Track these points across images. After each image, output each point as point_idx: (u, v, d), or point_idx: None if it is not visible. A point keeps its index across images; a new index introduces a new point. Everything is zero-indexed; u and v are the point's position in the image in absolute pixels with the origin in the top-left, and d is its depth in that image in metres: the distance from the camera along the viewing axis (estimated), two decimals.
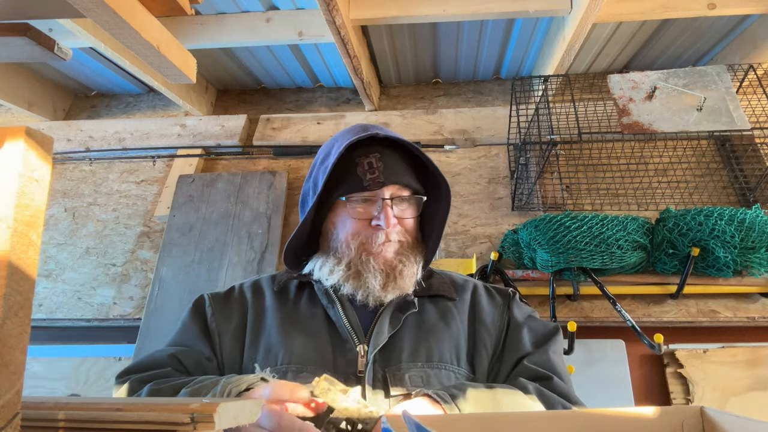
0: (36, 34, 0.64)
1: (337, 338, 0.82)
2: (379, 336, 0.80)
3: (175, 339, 0.88)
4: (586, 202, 1.87)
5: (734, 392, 1.56)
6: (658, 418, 0.50)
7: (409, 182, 0.87)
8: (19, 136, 0.36)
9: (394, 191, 0.86)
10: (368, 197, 0.85)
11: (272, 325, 0.85)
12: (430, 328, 0.85)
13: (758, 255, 1.52)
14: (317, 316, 0.86)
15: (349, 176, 0.85)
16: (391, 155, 0.86)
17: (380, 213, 0.84)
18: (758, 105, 1.64)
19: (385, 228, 0.84)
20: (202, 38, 1.88)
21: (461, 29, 1.95)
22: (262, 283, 0.95)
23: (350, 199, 0.85)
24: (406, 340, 0.82)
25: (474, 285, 0.96)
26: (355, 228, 0.86)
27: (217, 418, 0.40)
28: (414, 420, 0.44)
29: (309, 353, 0.80)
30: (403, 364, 0.78)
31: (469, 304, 0.92)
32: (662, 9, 1.66)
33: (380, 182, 0.83)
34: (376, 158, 0.85)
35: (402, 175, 0.86)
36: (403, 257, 0.86)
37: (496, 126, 2.09)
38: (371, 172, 0.84)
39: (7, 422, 0.32)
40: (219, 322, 0.88)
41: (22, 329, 0.34)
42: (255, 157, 2.23)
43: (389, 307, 0.85)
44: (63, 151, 2.26)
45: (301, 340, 0.82)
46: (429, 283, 0.93)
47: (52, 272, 2.02)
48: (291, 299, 0.90)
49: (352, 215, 0.85)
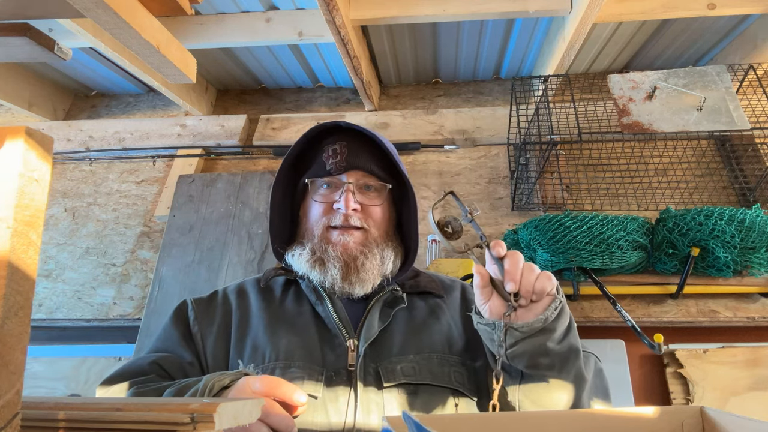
0: (36, 34, 0.64)
1: (326, 334, 0.82)
2: (369, 330, 0.80)
3: (156, 345, 0.87)
4: (586, 202, 1.87)
5: (734, 392, 1.56)
6: (658, 418, 0.50)
7: (373, 169, 0.89)
8: (19, 136, 0.36)
9: (359, 177, 0.88)
10: (331, 182, 0.89)
11: (259, 325, 0.85)
12: (420, 323, 0.85)
13: (758, 255, 1.52)
14: (304, 313, 0.86)
15: (315, 162, 0.91)
16: (358, 145, 0.90)
17: (341, 197, 0.86)
18: (758, 105, 1.64)
19: (344, 210, 0.85)
20: (202, 38, 1.88)
21: (461, 29, 1.95)
22: (246, 285, 0.95)
23: (314, 183, 0.90)
24: (397, 334, 0.82)
25: (462, 285, 0.98)
26: (318, 212, 0.89)
27: (217, 418, 0.40)
28: (414, 420, 0.44)
29: (297, 349, 0.79)
30: (394, 358, 0.78)
31: (460, 302, 0.92)
32: (662, 9, 1.66)
33: (342, 167, 0.87)
34: (341, 145, 0.89)
35: (366, 162, 0.89)
36: (365, 249, 0.86)
37: (496, 126, 2.09)
38: (334, 156, 0.88)
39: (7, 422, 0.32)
40: (202, 325, 0.87)
41: (22, 329, 0.34)
42: (255, 157, 2.23)
43: (378, 302, 0.85)
44: (63, 151, 2.26)
45: (289, 337, 0.81)
46: (417, 281, 0.93)
47: (52, 272, 2.02)
48: (277, 298, 0.90)
49: (316, 198, 0.89)
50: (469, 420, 0.55)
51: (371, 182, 0.89)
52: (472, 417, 0.60)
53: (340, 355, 0.79)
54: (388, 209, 0.93)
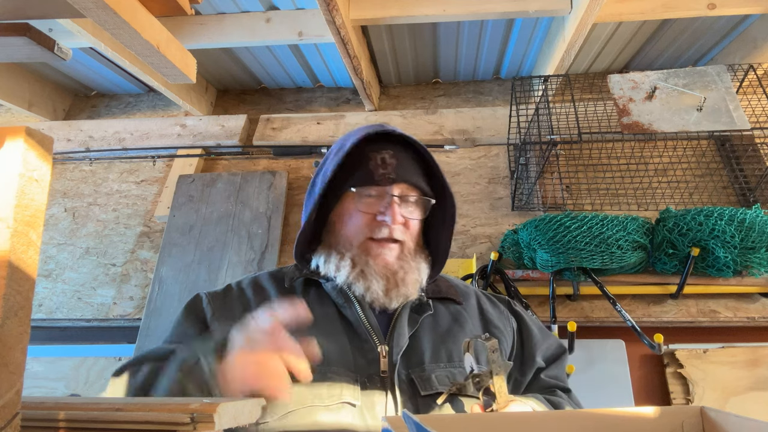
0: (36, 34, 0.64)
1: (355, 338, 0.80)
2: (401, 338, 0.80)
3: (171, 339, 0.83)
4: (586, 202, 1.87)
5: (734, 392, 1.56)
6: (658, 418, 0.50)
7: (419, 183, 0.87)
8: (19, 136, 0.36)
9: (403, 190, 0.85)
10: (377, 192, 0.85)
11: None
12: (446, 329, 0.85)
13: (758, 255, 1.52)
14: (330, 315, 0.84)
15: (361, 169, 0.85)
16: (404, 155, 0.87)
17: (387, 209, 0.83)
18: (758, 105, 1.63)
19: (391, 224, 0.83)
20: (202, 38, 1.88)
21: (461, 29, 1.95)
22: (261, 280, 0.92)
23: (360, 192, 0.85)
24: (426, 341, 0.82)
25: (475, 292, 0.98)
26: (361, 221, 0.85)
27: (217, 418, 0.40)
28: (414, 420, 0.44)
29: (330, 354, 0.77)
30: (427, 366, 0.78)
31: (477, 310, 0.93)
32: (662, 9, 1.66)
33: (391, 178, 0.84)
34: (389, 155, 0.85)
35: (413, 175, 0.86)
36: (404, 263, 0.85)
37: (496, 126, 2.09)
38: (383, 167, 0.84)
39: (7, 422, 0.32)
40: (221, 321, 0.83)
41: (22, 329, 0.34)
42: (255, 157, 2.23)
43: (406, 308, 0.85)
44: (63, 151, 2.26)
45: (319, 340, 0.79)
46: (437, 285, 0.93)
47: (52, 272, 2.02)
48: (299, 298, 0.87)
49: (359, 208, 0.85)
50: (469, 420, 0.55)
51: (415, 195, 0.87)
52: (472, 417, 0.60)
53: (373, 360, 0.78)
54: (423, 218, 0.91)
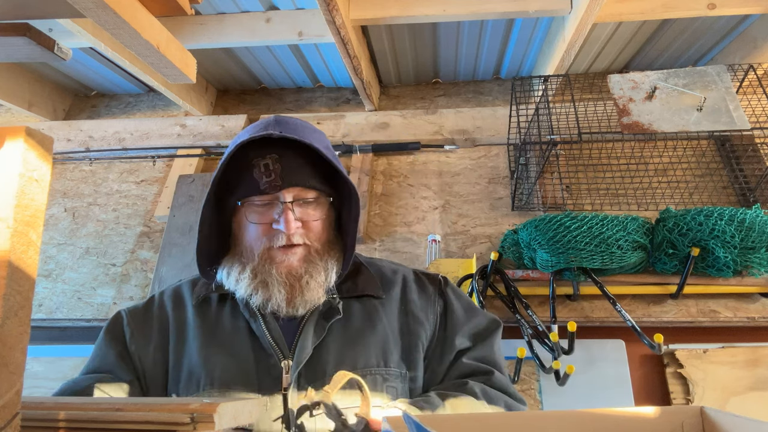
0: (36, 34, 0.64)
1: (261, 354, 0.78)
2: (302, 352, 0.77)
3: (93, 365, 0.83)
4: (586, 202, 1.87)
5: (734, 392, 1.56)
6: (658, 418, 0.50)
7: (311, 183, 0.81)
8: (19, 136, 0.36)
9: (297, 193, 0.80)
10: (268, 200, 0.80)
11: (193, 344, 0.81)
12: (356, 333, 0.82)
13: (758, 255, 1.52)
14: (240, 330, 0.82)
15: (245, 179, 0.80)
16: (292, 156, 0.80)
17: (281, 216, 0.79)
18: (758, 105, 1.63)
19: (286, 232, 0.79)
20: (202, 38, 1.88)
21: (461, 29, 1.95)
22: (183, 290, 0.90)
23: (247, 203, 0.81)
24: (332, 350, 0.79)
25: (404, 276, 0.92)
26: (258, 231, 0.81)
27: (217, 418, 0.40)
28: (414, 420, 0.44)
29: (232, 374, 0.76)
30: (328, 378, 0.74)
31: (399, 300, 0.88)
32: (662, 9, 1.66)
33: (277, 185, 0.78)
34: (273, 159, 0.79)
35: (303, 177, 0.80)
36: (309, 265, 0.81)
37: (496, 126, 2.09)
38: (267, 174, 0.78)
39: (7, 422, 0.32)
40: (139, 344, 0.83)
41: (22, 329, 0.34)
42: None
43: (314, 314, 0.82)
44: (63, 151, 2.26)
45: (223, 359, 0.78)
46: (356, 282, 0.88)
47: (52, 272, 2.02)
48: (213, 312, 0.85)
49: (251, 219, 0.81)
50: (469, 420, 0.55)
51: (311, 196, 0.82)
52: (472, 417, 0.60)
53: (276, 377, 0.76)
54: (327, 216, 0.86)
